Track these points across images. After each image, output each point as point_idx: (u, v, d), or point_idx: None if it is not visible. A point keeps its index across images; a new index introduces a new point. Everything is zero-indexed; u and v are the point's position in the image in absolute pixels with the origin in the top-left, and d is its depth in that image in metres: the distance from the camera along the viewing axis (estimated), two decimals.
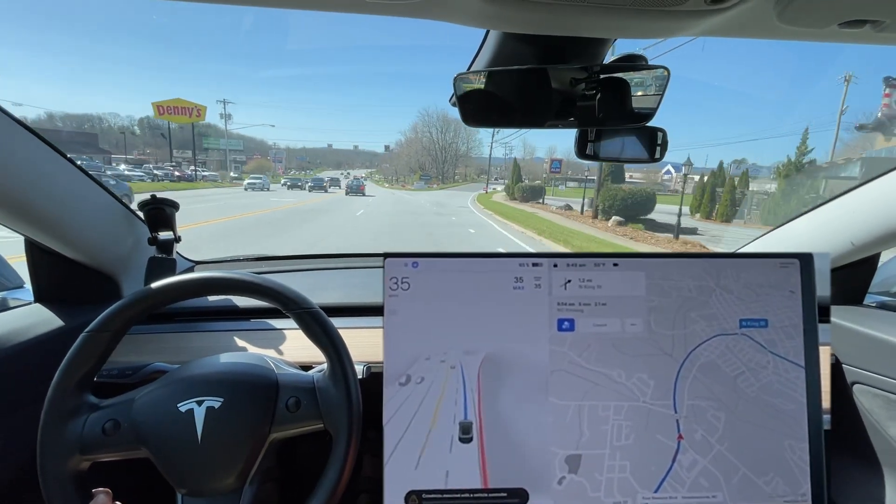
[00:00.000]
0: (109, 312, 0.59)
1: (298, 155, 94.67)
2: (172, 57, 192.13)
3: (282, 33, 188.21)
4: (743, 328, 0.62)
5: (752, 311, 0.62)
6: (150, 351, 0.85)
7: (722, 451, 0.60)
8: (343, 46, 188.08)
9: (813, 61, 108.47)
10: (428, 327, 0.60)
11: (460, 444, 0.58)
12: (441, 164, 67.82)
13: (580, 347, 0.61)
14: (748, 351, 0.61)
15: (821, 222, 0.92)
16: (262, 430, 0.59)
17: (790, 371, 0.61)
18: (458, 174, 72.31)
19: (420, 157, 67.74)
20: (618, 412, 0.60)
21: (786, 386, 0.61)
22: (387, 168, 71.68)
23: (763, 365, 0.61)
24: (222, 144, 55.25)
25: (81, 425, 0.56)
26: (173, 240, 0.97)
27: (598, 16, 0.48)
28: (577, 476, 0.59)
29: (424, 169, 62.78)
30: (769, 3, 0.45)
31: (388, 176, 68.18)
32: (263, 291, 0.62)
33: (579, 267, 0.61)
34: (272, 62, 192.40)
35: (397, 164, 68.69)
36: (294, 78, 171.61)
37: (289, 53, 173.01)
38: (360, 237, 9.57)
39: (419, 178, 53.62)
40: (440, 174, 64.63)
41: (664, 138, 0.78)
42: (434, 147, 69.76)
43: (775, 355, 0.62)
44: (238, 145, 59.39)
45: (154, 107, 38.09)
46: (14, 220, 0.72)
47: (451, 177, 69.03)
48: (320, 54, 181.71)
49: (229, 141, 56.84)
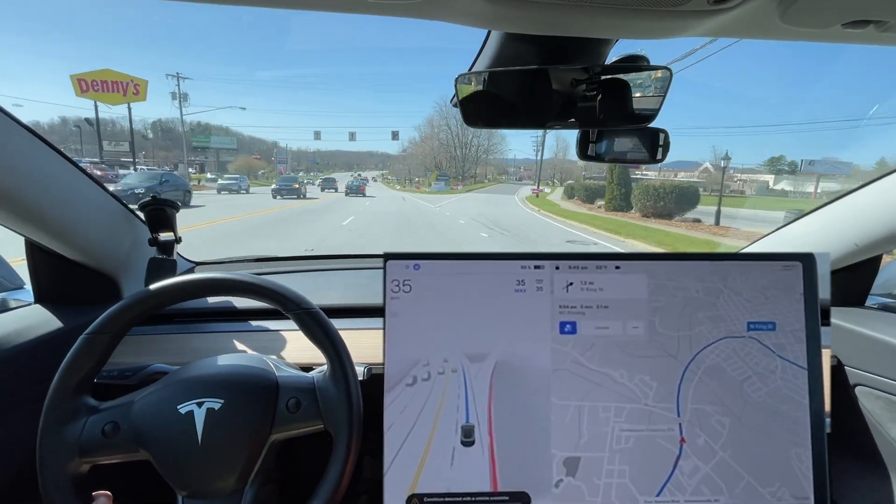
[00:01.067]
0: (109, 314, 0.59)
1: (310, 157, 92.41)
2: (183, 59, 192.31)
3: (283, 34, 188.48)
4: (751, 331, 0.60)
5: (760, 314, 0.61)
6: (150, 352, 0.85)
7: (725, 458, 0.58)
8: (357, 48, 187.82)
9: None
10: (429, 330, 0.59)
11: (462, 448, 0.58)
12: (461, 161, 58.18)
13: (583, 347, 0.60)
14: (756, 355, 0.60)
15: (824, 223, 0.92)
16: (262, 432, 0.59)
17: (799, 377, 0.60)
18: (479, 174, 63.52)
19: (437, 155, 58.98)
20: (619, 414, 0.59)
21: (795, 392, 0.60)
22: (399, 168, 64.58)
23: (771, 370, 0.60)
24: (213, 143, 49.12)
25: (81, 428, 0.56)
26: (174, 241, 0.97)
27: (599, 16, 0.48)
28: (575, 480, 0.58)
29: (441, 168, 54.31)
30: (772, 4, 0.45)
31: (400, 177, 61.16)
32: (263, 292, 0.62)
33: (581, 269, 0.61)
34: (290, 61, 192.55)
35: (410, 164, 60.46)
36: (305, 76, 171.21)
37: (304, 55, 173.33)
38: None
39: (436, 178, 45.68)
40: (460, 173, 55.22)
41: (666, 139, 0.78)
42: (453, 142, 59.70)
43: (784, 360, 0.60)
44: (231, 143, 52.88)
45: (74, 82, 23.53)
46: (15, 221, 0.72)
47: (472, 176, 60.07)
48: (342, 55, 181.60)
49: (222, 139, 52.27)
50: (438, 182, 43.67)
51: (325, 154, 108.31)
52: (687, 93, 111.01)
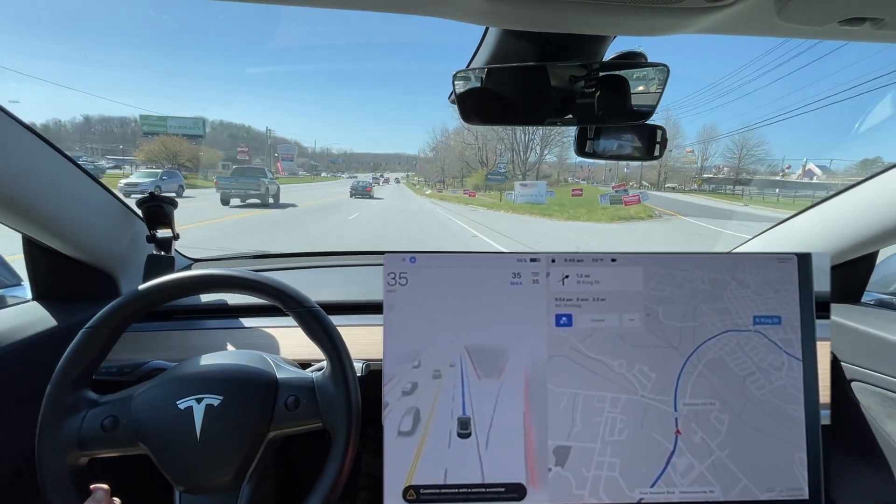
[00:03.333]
0: (111, 308, 0.59)
1: (330, 157, 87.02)
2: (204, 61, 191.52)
3: (285, 34, 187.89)
4: (757, 325, 0.59)
5: (767, 308, 0.59)
6: (149, 349, 0.85)
7: (722, 458, 0.57)
8: (388, 44, 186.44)
9: None
10: (426, 322, 0.60)
11: (459, 440, 0.58)
12: (523, 151, 32.73)
13: (582, 335, 0.60)
14: (761, 350, 0.58)
15: (821, 219, 0.92)
16: (260, 429, 0.59)
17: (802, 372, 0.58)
18: (543, 172, 38.44)
19: (485, 148, 33.80)
20: (614, 404, 0.58)
21: (800, 391, 0.58)
22: (428, 169, 46.05)
23: (777, 366, 0.58)
24: (171, 128, 36.80)
25: (80, 421, 0.56)
26: (172, 237, 0.97)
27: (597, 13, 0.48)
28: (564, 470, 0.57)
29: (487, 165, 32.09)
30: (769, 1, 0.45)
31: (429, 179, 43.08)
32: (265, 290, 0.62)
33: (577, 262, 0.61)
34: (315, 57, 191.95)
35: (445, 158, 39.64)
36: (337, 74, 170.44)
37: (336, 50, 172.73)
38: None
39: (486, 177, 27.99)
40: (520, 170, 33.18)
41: (663, 136, 0.78)
42: (506, 131, 34.85)
43: (791, 356, 0.58)
44: (195, 128, 38.29)
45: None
46: (12, 218, 0.72)
47: (535, 174, 36.48)
48: (365, 51, 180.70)
49: (183, 121, 38.21)
50: (495, 176, 27.24)
51: (353, 156, 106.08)
52: None
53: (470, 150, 33.11)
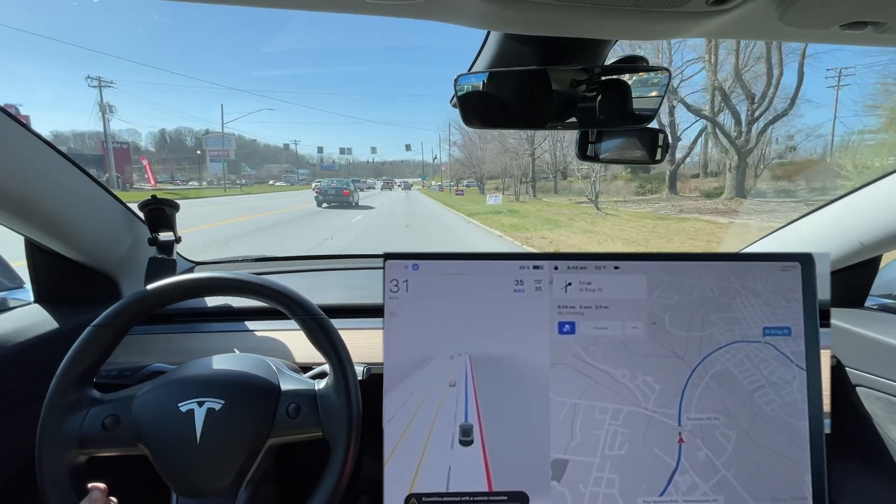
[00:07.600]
0: (118, 307, 0.59)
1: (326, 164, 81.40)
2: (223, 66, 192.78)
3: (287, 35, 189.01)
4: (767, 336, 0.56)
5: (777, 318, 0.56)
6: (150, 351, 0.85)
7: (727, 478, 0.54)
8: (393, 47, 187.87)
9: None
10: (428, 329, 0.59)
11: (461, 447, 0.58)
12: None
13: (585, 343, 0.59)
14: (771, 362, 0.56)
15: (825, 223, 0.91)
16: (260, 435, 0.59)
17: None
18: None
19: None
20: (615, 416, 0.56)
21: (807, 404, 0.55)
22: (443, 173, 40.02)
23: (787, 380, 0.55)
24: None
25: (82, 419, 0.56)
26: (174, 241, 0.97)
27: (598, 17, 0.48)
28: (560, 485, 0.55)
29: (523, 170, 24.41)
30: (771, 5, 0.45)
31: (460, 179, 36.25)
32: (270, 295, 0.62)
33: (580, 269, 0.61)
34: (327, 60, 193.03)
35: (471, 153, 31.59)
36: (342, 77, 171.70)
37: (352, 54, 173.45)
38: None
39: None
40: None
41: (665, 140, 0.78)
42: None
43: (803, 370, 0.55)
44: None
45: None
46: (15, 221, 0.72)
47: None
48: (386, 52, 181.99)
49: None
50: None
51: (360, 166, 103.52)
52: None
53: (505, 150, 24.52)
